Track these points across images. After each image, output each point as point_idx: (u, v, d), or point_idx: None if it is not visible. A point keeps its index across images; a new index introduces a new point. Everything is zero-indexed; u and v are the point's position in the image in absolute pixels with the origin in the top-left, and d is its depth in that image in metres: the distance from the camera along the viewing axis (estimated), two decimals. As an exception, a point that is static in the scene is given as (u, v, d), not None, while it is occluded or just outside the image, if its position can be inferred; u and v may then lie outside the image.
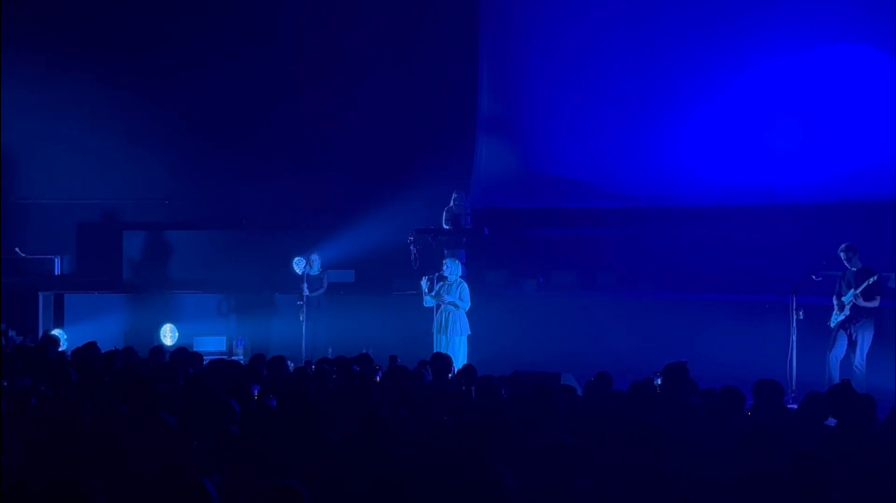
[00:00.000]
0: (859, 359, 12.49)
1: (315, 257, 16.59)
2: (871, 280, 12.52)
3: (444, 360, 10.64)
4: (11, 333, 15.99)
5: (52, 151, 19.50)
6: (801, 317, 12.45)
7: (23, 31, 19.10)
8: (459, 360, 13.24)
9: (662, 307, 15.98)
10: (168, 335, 17.15)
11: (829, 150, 16.75)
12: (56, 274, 18.79)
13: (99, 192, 19.71)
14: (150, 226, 19.53)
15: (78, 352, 11.69)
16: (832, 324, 12.70)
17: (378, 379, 10.38)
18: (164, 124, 19.70)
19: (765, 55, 17.39)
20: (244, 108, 19.93)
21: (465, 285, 14.23)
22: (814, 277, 12.67)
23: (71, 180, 19.51)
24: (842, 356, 12.61)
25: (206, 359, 11.94)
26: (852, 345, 12.58)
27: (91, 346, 11.79)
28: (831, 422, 7.88)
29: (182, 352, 11.72)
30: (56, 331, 15.74)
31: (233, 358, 15.64)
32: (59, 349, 13.11)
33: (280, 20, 19.90)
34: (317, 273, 16.55)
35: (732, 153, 17.74)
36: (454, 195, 17.30)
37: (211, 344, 16.84)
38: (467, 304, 14.10)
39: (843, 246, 12.80)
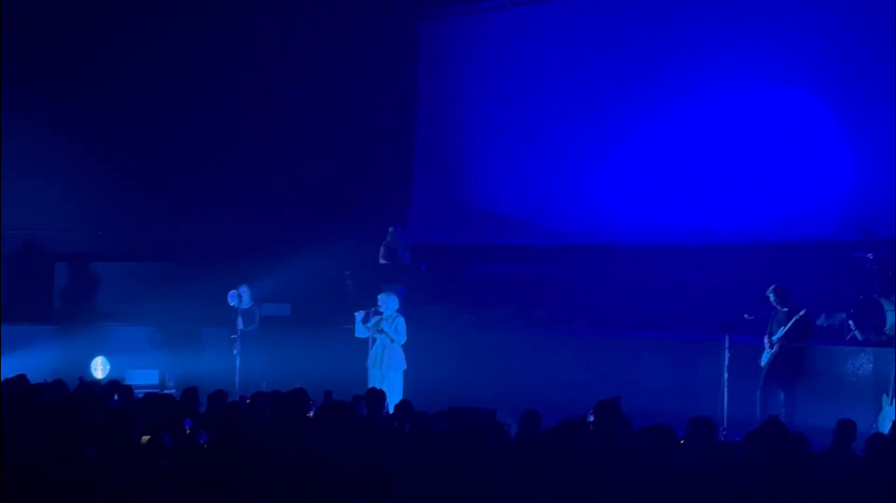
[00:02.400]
0: (788, 398, 12.64)
1: (244, 290, 16.47)
2: (799, 315, 12.68)
3: (378, 396, 10.61)
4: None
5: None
6: (734, 355, 12.57)
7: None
8: (395, 395, 13.20)
9: (597, 344, 16.06)
10: (99, 368, 16.91)
11: (763, 192, 16.99)
12: (-16, 305, 18.46)
13: (30, 223, 19.40)
14: (81, 257, 19.26)
15: (6, 384, 11.46)
16: (762, 363, 12.84)
17: (312, 414, 10.31)
18: (96, 155, 19.44)
19: (700, 96, 17.64)
20: (179, 141, 19.77)
21: (402, 319, 14.21)
22: (746, 317, 12.82)
23: (1, 209, 19.20)
24: (771, 394, 12.75)
25: (138, 392, 11.79)
26: (781, 383, 12.73)
27: (20, 379, 11.57)
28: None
29: (113, 386, 11.56)
30: None
31: (165, 391, 15.43)
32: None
33: (217, 55, 19.82)
34: (248, 307, 16.44)
35: (667, 192, 17.94)
36: (390, 229, 17.32)
37: (143, 377, 16.63)
38: (402, 339, 14.07)
39: (772, 287, 12.99)
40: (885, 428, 11.03)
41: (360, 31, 20.12)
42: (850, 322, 14.11)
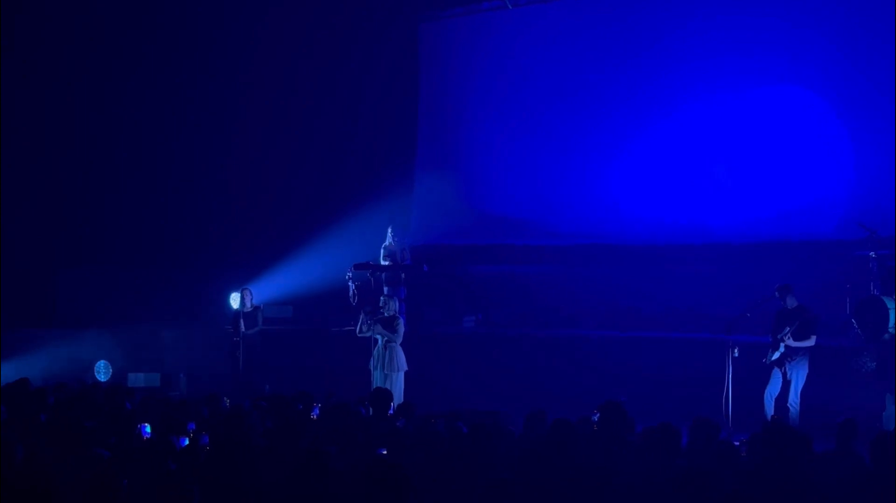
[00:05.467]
0: (793, 397, 12.61)
1: (246, 292, 16.49)
2: (804, 313, 12.67)
3: (383, 396, 10.59)
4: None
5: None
6: (737, 354, 12.55)
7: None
8: (396, 396, 13.20)
9: (600, 344, 16.03)
10: (102, 371, 16.91)
11: (765, 190, 16.99)
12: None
13: (33, 227, 19.40)
14: (84, 261, 19.27)
15: (9, 388, 11.46)
16: (767, 362, 12.82)
17: (315, 416, 10.31)
18: (97, 160, 19.48)
19: (701, 95, 17.64)
20: (181, 143, 19.80)
21: (402, 321, 14.24)
22: (748, 315, 12.80)
23: (3, 215, 19.19)
24: (776, 394, 12.72)
25: (141, 395, 11.80)
26: (787, 383, 12.70)
27: (23, 383, 11.57)
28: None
29: (116, 388, 11.57)
30: None
31: (168, 394, 15.44)
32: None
33: (217, 55, 19.82)
34: (250, 309, 16.45)
35: (668, 191, 17.93)
36: (389, 230, 17.29)
37: (146, 380, 16.63)
38: (398, 338, 14.07)
39: (778, 285, 12.97)
40: (890, 426, 11.03)
41: (360, 33, 20.11)
42: (854, 321, 14.09)
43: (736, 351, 12.57)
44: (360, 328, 14.18)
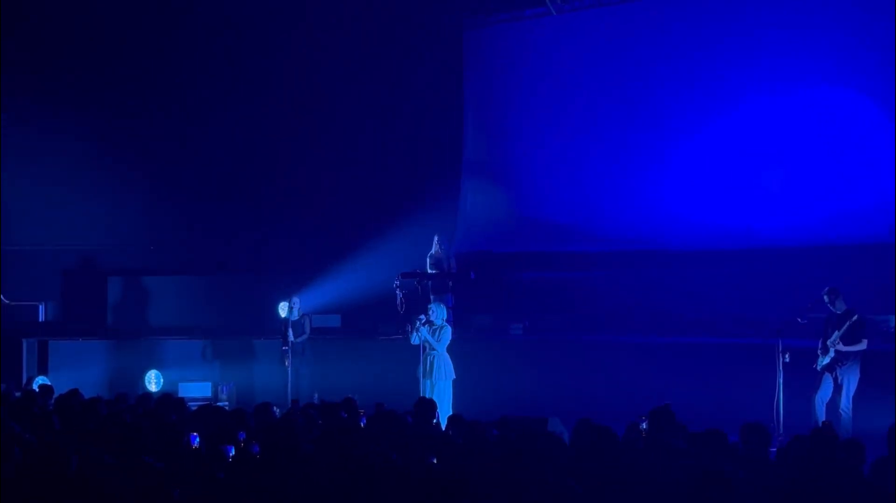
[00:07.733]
0: (845, 402, 12.48)
1: (294, 301, 16.61)
2: (853, 320, 12.53)
3: (426, 405, 10.58)
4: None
5: (36, 198, 19.43)
6: (788, 360, 12.44)
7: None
8: (445, 405, 13.20)
9: (648, 351, 15.95)
10: (153, 381, 17.08)
11: (815, 194, 16.82)
12: (40, 321, 18.70)
13: (83, 239, 19.65)
14: (134, 272, 19.49)
15: (61, 399, 11.60)
16: (818, 368, 12.70)
17: (363, 424, 10.34)
18: (147, 172, 19.69)
19: (747, 98, 17.52)
20: (228, 155, 19.96)
21: (448, 329, 14.20)
22: (799, 320, 12.69)
23: (55, 227, 19.46)
24: (828, 399, 12.60)
25: (192, 405, 11.89)
26: (838, 388, 12.57)
27: (74, 394, 11.70)
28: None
29: (167, 399, 11.66)
30: None
31: (218, 404, 15.57)
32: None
33: (264, 68, 19.98)
34: (298, 318, 16.55)
35: (715, 196, 17.81)
36: (435, 238, 17.33)
37: (196, 390, 16.78)
38: (442, 347, 14.04)
39: (826, 289, 12.85)
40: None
41: (405, 41, 20.17)
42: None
43: (787, 356, 12.46)
44: (414, 335, 14.18)
